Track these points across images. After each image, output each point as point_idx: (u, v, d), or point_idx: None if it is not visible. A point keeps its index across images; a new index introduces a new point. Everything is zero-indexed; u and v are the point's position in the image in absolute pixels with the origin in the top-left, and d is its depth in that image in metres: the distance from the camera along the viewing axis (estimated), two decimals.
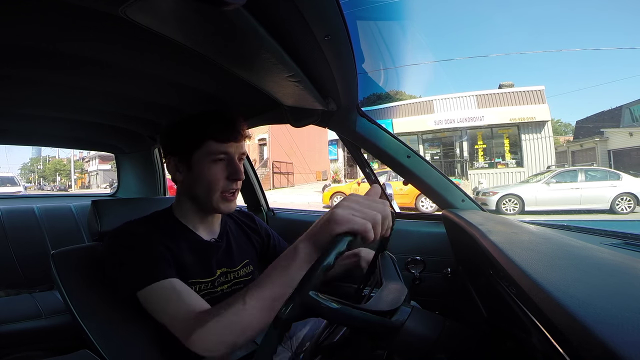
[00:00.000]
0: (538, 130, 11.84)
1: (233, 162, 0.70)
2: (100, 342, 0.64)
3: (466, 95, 12.80)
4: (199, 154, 0.69)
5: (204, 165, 0.69)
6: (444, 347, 0.39)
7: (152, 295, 0.58)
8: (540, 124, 11.78)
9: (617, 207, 7.14)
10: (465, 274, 0.88)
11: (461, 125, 12.53)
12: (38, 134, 1.49)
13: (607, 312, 0.24)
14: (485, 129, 12.57)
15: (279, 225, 1.47)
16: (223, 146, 0.69)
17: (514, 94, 12.21)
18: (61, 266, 0.72)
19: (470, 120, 12.43)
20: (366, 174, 1.27)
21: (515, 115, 11.88)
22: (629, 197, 7.11)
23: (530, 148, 11.93)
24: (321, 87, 0.78)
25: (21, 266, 1.48)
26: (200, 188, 0.70)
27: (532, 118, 11.69)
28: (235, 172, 0.70)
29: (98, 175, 31.98)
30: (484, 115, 12.28)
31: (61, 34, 0.57)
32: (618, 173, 7.67)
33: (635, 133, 12.83)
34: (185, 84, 0.84)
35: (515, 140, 12.24)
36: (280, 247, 0.92)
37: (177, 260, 0.66)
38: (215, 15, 0.43)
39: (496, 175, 11.96)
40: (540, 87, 12.10)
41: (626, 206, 7.10)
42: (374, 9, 1.56)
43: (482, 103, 12.55)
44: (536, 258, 0.41)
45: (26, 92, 0.87)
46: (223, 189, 0.70)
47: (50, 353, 1.13)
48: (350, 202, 0.45)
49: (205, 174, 0.69)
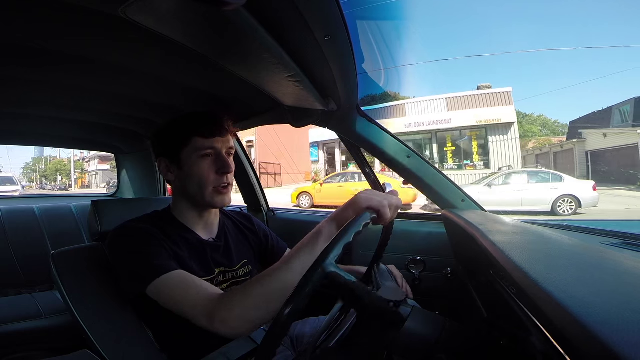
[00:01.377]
0: (505, 132, 12.04)
1: (220, 156, 0.72)
2: (100, 342, 0.64)
3: (437, 98, 13.01)
4: (187, 151, 0.71)
5: (193, 161, 0.70)
6: (444, 347, 0.39)
7: (166, 287, 0.59)
8: (507, 125, 11.97)
9: (559, 209, 7.16)
10: (465, 274, 0.88)
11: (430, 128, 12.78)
12: (38, 134, 1.49)
13: (607, 312, 0.24)
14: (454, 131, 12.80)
15: (279, 226, 1.47)
16: (209, 141, 0.71)
17: (482, 96, 12.40)
18: (61, 266, 0.72)
19: (439, 123, 12.67)
20: (366, 174, 1.27)
21: (481, 118, 12.07)
22: (571, 199, 7.15)
23: (497, 149, 12.15)
24: (321, 87, 0.78)
25: (21, 266, 1.48)
26: (192, 185, 0.71)
27: (498, 120, 11.89)
28: (223, 165, 0.71)
29: (97, 175, 32.21)
30: (451, 118, 12.50)
31: (61, 34, 0.57)
32: (561, 175, 7.74)
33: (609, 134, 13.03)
34: (185, 84, 0.84)
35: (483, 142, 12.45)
36: (279, 247, 0.92)
37: (177, 256, 0.66)
38: (215, 15, 0.43)
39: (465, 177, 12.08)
40: (508, 89, 12.28)
41: (568, 208, 7.13)
42: (374, 9, 1.56)
43: (451, 106, 12.75)
44: (536, 258, 0.41)
45: (26, 92, 0.87)
46: (214, 183, 0.71)
47: (50, 353, 1.13)
48: (370, 191, 0.54)
49: (195, 171, 0.70)
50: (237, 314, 0.51)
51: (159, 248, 0.64)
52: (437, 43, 63.52)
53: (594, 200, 7.10)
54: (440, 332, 0.40)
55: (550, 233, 0.72)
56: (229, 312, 0.51)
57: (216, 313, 0.52)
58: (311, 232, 0.54)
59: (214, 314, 0.52)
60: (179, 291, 0.58)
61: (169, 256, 0.64)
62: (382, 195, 0.52)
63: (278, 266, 0.52)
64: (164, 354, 0.68)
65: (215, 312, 0.52)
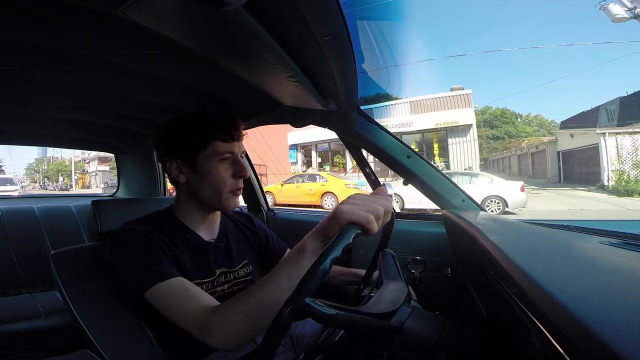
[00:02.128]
0: (464, 134, 12.20)
1: (238, 160, 0.72)
2: (100, 342, 0.64)
3: (401, 102, 13.21)
4: (205, 154, 0.69)
5: (212, 165, 0.70)
6: (444, 347, 0.39)
7: (163, 294, 0.59)
8: (466, 127, 12.12)
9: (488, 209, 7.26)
10: (465, 274, 0.88)
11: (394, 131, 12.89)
12: (38, 134, 1.49)
13: (607, 312, 0.24)
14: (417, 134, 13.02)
15: (279, 226, 1.47)
16: (229, 145, 0.71)
17: (444, 99, 12.59)
18: (61, 266, 0.72)
19: (401, 126, 12.84)
20: (366, 174, 1.27)
21: (441, 120, 12.23)
22: (498, 200, 7.28)
23: (457, 151, 12.34)
24: (321, 87, 0.78)
25: (21, 266, 1.48)
26: (208, 188, 0.70)
27: (456, 122, 12.05)
28: (241, 169, 0.71)
29: (97, 175, 32.56)
30: (412, 121, 12.71)
31: (61, 34, 0.56)
32: (492, 177, 7.92)
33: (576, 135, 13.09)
34: (185, 84, 0.84)
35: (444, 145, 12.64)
36: (279, 248, 0.92)
37: (177, 260, 0.66)
38: (215, 15, 0.43)
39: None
40: (468, 91, 12.46)
41: (495, 208, 7.25)
42: (374, 9, 1.56)
43: (415, 109, 12.97)
44: (536, 258, 0.41)
45: (26, 92, 0.87)
46: (231, 187, 0.71)
47: (50, 353, 1.12)
48: (354, 199, 0.47)
49: (213, 174, 0.70)
50: (225, 329, 0.50)
51: (158, 253, 0.63)
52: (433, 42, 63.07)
53: (522, 201, 7.28)
54: (440, 332, 0.40)
55: (550, 233, 0.72)
56: (218, 326, 0.51)
57: (206, 326, 0.52)
58: (296, 247, 0.50)
59: (204, 327, 0.52)
60: (173, 300, 0.58)
61: (169, 261, 0.64)
62: (367, 204, 0.45)
63: (264, 281, 0.50)
64: (164, 354, 0.68)
65: (205, 326, 0.52)
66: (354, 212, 0.44)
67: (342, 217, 0.44)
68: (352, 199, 0.47)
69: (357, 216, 0.43)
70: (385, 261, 0.58)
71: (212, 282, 0.72)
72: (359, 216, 0.43)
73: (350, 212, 0.44)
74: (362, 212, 0.43)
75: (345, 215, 0.44)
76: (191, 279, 0.68)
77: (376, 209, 0.44)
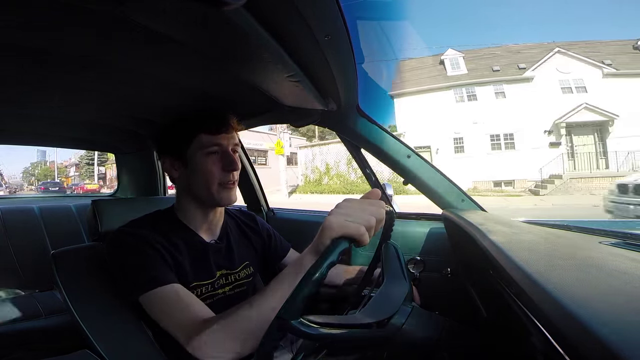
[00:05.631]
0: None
1: (227, 153, 0.71)
2: (100, 342, 0.64)
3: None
4: (192, 148, 0.70)
5: (198, 158, 0.70)
6: (444, 347, 0.39)
7: (155, 301, 0.58)
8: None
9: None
10: (465, 274, 0.88)
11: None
12: (38, 134, 1.49)
13: (607, 312, 0.24)
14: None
15: (279, 226, 1.46)
16: (215, 138, 0.70)
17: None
18: (61, 266, 0.72)
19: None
20: (366, 175, 1.27)
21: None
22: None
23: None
24: (321, 87, 0.78)
25: (21, 266, 1.48)
26: (198, 182, 0.70)
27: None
28: (229, 162, 0.70)
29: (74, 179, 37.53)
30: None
31: (61, 34, 0.56)
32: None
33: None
34: (185, 84, 0.84)
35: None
36: (282, 247, 0.92)
37: (176, 262, 0.66)
38: (215, 15, 0.43)
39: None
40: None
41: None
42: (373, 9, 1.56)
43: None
44: (536, 258, 0.41)
45: (26, 92, 0.87)
46: (220, 180, 0.70)
47: (50, 353, 1.12)
48: (343, 207, 0.45)
49: (201, 167, 0.69)
50: (213, 344, 0.49)
51: (155, 257, 0.63)
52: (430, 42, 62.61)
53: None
54: (440, 332, 0.40)
55: (550, 233, 0.72)
56: (206, 340, 0.50)
57: (194, 338, 0.51)
58: (294, 263, 0.49)
59: (193, 338, 0.51)
60: (166, 308, 0.57)
61: (166, 265, 0.63)
62: (357, 214, 0.43)
63: (259, 296, 0.50)
64: (164, 354, 0.67)
65: (193, 337, 0.51)
66: (343, 225, 0.42)
67: (333, 230, 0.42)
68: (340, 208, 0.45)
69: (348, 229, 0.41)
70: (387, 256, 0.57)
71: (212, 284, 0.72)
72: (350, 228, 0.41)
73: (340, 225, 0.42)
74: (353, 224, 0.41)
75: (335, 228, 0.42)
76: (191, 281, 0.67)
77: (368, 220, 0.42)
